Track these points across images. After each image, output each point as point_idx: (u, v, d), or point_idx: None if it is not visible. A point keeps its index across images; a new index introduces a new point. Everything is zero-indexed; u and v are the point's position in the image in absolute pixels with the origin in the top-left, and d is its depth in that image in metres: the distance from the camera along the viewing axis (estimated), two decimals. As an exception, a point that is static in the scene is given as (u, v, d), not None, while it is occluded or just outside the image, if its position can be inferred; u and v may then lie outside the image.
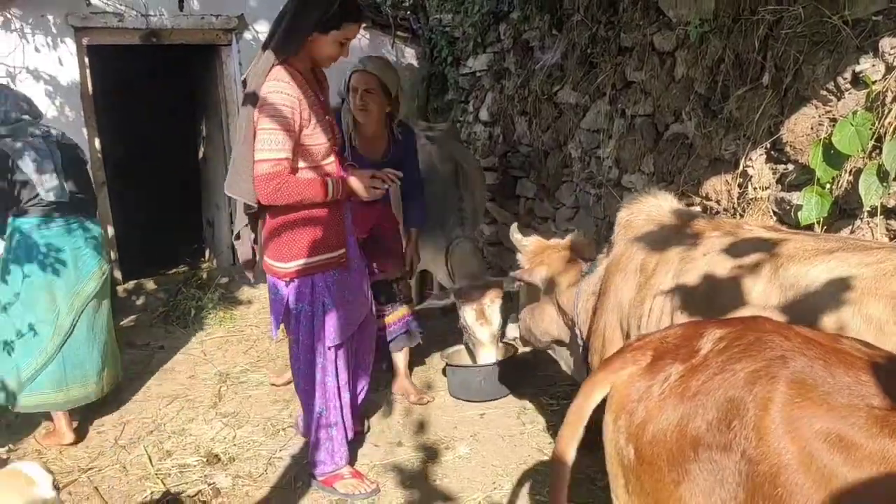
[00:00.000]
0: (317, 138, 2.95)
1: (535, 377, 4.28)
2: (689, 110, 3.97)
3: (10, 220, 3.65)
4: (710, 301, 2.17)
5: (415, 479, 3.35)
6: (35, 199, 3.61)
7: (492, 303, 4.07)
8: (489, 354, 4.11)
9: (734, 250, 2.23)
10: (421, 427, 3.83)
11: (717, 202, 3.72)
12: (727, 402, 1.36)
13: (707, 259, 2.26)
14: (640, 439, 1.43)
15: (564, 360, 3.21)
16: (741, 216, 3.54)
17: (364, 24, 6.63)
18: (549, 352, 3.32)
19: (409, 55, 7.05)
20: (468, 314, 4.08)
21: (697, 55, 3.91)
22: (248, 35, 6.22)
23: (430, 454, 3.57)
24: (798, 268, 1.99)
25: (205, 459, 3.53)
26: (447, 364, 4.21)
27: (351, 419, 3.31)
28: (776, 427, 1.29)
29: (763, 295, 2.04)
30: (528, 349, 3.89)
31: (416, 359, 4.61)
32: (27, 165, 3.57)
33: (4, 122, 3.65)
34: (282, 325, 3.18)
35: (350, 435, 3.32)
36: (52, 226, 3.66)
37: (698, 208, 3.87)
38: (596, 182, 4.83)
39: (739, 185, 3.58)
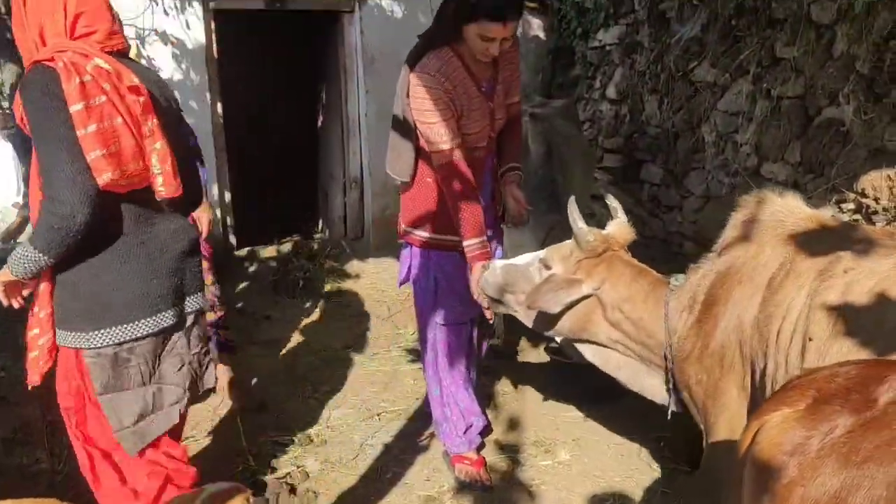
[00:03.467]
0: (469, 127, 2.82)
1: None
2: (847, 92, 3.50)
3: None
4: (852, 328, 1.80)
5: (509, 482, 3.13)
6: None
7: None
8: None
9: (883, 269, 1.85)
10: (519, 426, 3.59)
11: (876, 200, 3.26)
12: None
13: (850, 277, 1.87)
14: (785, 503, 1.13)
15: (590, 357, 2.71)
16: (905, 217, 3.08)
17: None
18: (558, 341, 2.82)
19: (536, 26, 6.71)
20: None
21: (862, 29, 3.43)
22: (370, 2, 6.07)
23: (528, 456, 3.33)
24: None
25: (297, 440, 3.44)
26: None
27: (474, 405, 3.18)
28: None
29: None
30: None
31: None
32: None
33: None
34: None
35: (476, 421, 3.18)
36: None
37: (851, 205, 3.42)
38: (731, 170, 4.40)
39: (905, 182, 3.12)
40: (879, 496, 1.04)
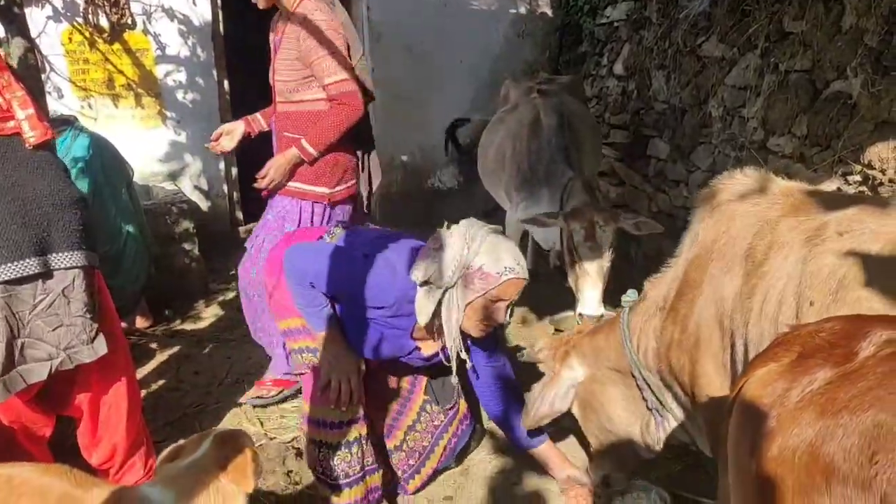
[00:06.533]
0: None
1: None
2: (855, 66, 3.46)
3: None
4: (858, 289, 1.72)
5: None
6: None
7: (605, 224, 3.38)
8: (593, 295, 3.35)
9: (887, 226, 1.77)
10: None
11: (882, 171, 3.24)
12: (874, 427, 1.05)
13: (848, 239, 1.79)
14: (765, 454, 1.14)
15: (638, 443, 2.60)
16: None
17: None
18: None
19: (543, 3, 6.67)
20: (576, 232, 3.38)
21: (871, 3, 3.39)
22: (377, -23, 6.05)
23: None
24: None
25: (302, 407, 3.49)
26: None
27: None
28: None
29: None
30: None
31: (521, 328, 4.37)
32: None
33: None
34: None
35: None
36: None
37: (858, 177, 3.40)
38: (737, 144, 4.37)
39: (911, 154, 3.09)
40: (852, 444, 1.05)
